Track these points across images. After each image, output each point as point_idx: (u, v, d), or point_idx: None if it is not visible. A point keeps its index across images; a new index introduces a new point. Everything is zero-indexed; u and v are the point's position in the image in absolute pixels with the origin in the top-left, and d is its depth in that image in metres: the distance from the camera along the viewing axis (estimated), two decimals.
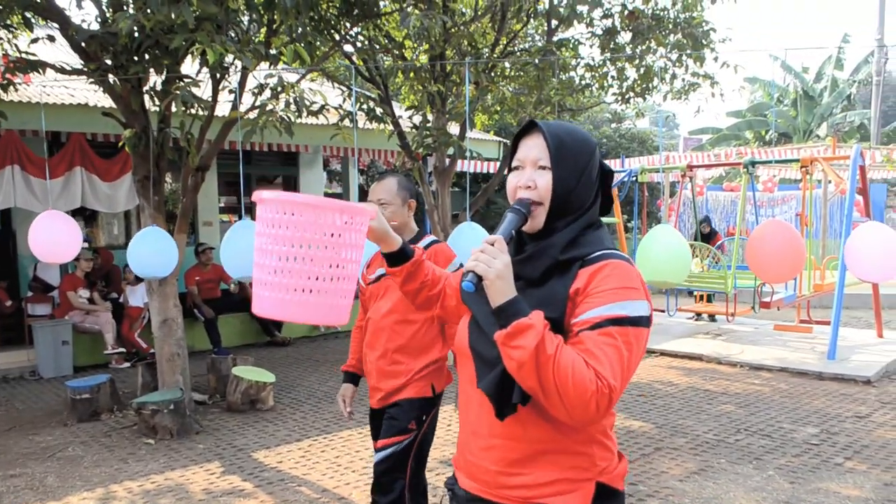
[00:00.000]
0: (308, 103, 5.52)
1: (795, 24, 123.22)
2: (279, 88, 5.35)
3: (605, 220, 12.38)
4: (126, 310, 8.89)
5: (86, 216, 11.51)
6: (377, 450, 3.13)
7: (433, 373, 3.13)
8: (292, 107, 5.64)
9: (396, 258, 1.92)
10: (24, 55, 5.68)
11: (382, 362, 3.13)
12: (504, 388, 1.59)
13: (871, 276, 5.52)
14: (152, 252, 5.41)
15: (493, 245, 1.56)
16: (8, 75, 5.63)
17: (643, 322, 1.57)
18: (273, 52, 5.74)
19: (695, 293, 10.84)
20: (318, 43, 5.58)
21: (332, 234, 1.61)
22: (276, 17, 5.12)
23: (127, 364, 8.57)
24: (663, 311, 10.46)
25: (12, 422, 6.43)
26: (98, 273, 9.34)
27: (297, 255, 1.60)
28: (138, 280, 8.73)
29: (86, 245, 11.44)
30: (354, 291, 1.71)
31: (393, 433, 3.08)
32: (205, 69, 5.67)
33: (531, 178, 1.67)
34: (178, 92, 4.86)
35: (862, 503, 4.34)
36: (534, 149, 1.68)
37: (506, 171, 1.78)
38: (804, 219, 9.65)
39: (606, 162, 1.80)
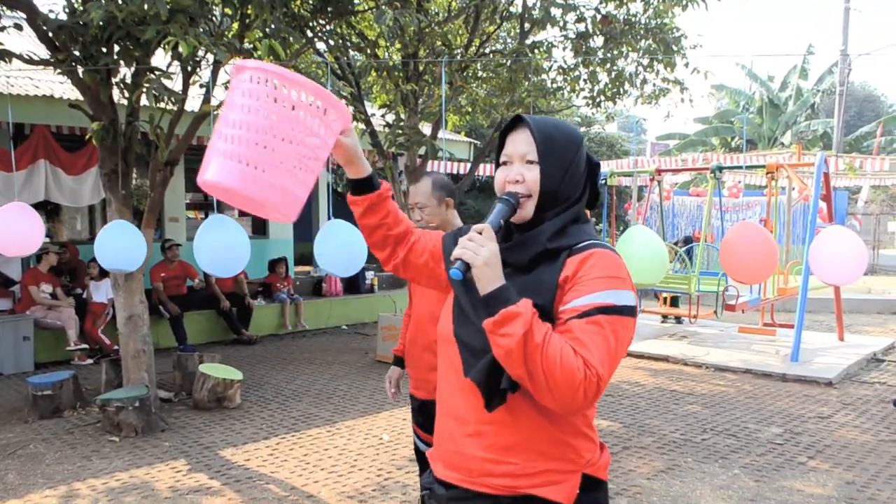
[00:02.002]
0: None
1: (762, 34, 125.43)
2: None
3: None
4: (89, 305, 8.73)
5: (48, 210, 11.31)
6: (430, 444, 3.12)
7: None
8: None
9: (362, 186, 1.84)
10: None
11: (427, 355, 3.12)
12: (493, 378, 1.59)
13: (835, 279, 5.63)
14: (120, 245, 5.31)
15: (481, 234, 1.57)
16: None
17: (629, 311, 1.58)
18: (247, 46, 5.69)
19: (658, 295, 10.96)
20: (292, 39, 5.53)
21: (301, 114, 1.53)
22: (249, 11, 5.07)
23: (90, 361, 8.42)
24: None
25: None
26: (63, 268, 9.17)
27: (259, 126, 1.49)
28: (102, 275, 8.59)
29: (47, 239, 11.24)
30: (310, 188, 1.60)
31: None
32: (175, 62, 5.60)
33: (519, 172, 1.69)
34: (148, 85, 4.78)
35: (825, 500, 4.42)
36: (521, 144, 1.70)
37: (488, 167, 1.81)
38: (768, 224, 9.81)
39: None
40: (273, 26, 5.31)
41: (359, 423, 6.09)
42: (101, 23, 4.59)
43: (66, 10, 5.52)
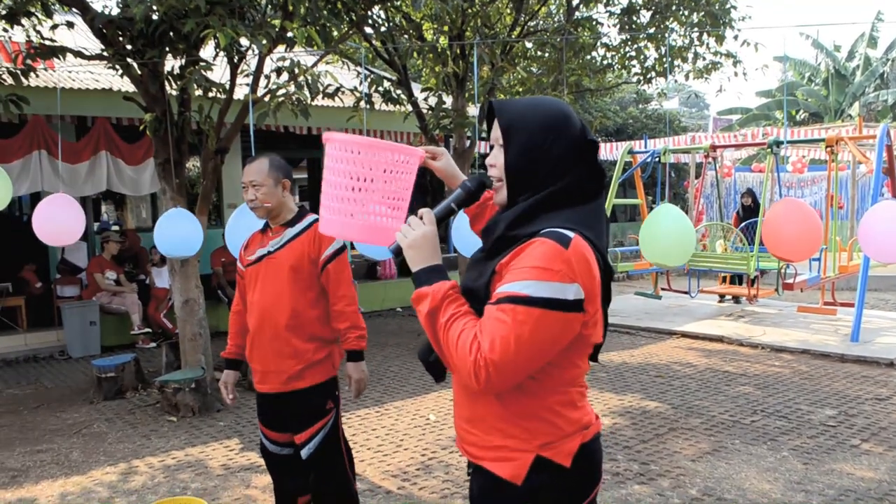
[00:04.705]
0: (322, 86, 5.54)
1: (828, 2, 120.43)
2: (294, 71, 5.39)
3: (629, 201, 12.26)
4: (152, 291, 9.06)
5: (116, 199, 11.73)
6: (302, 443, 3.07)
7: (332, 352, 3.12)
8: (305, 90, 5.68)
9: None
10: (45, 41, 5.78)
11: (277, 343, 3.05)
12: (431, 351, 1.72)
13: (881, 256, 5.45)
14: (178, 232, 5.49)
15: (421, 218, 1.69)
16: (29, 61, 5.73)
17: (549, 304, 1.52)
18: (290, 34, 5.79)
19: (718, 275, 10.75)
20: (334, 25, 5.60)
21: (385, 170, 1.80)
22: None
23: (153, 344, 8.75)
24: (686, 293, 10.40)
25: (41, 399, 6.62)
26: (125, 255, 9.52)
27: (356, 185, 1.81)
28: (164, 261, 8.88)
29: (116, 228, 11.67)
30: (402, 219, 1.84)
31: (314, 420, 3.06)
32: (222, 53, 5.73)
33: (495, 156, 1.73)
34: (189, 76, 4.92)
35: (875, 484, 4.32)
36: (496, 129, 1.73)
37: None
38: (831, 200, 9.49)
39: (630, 142, 1.80)
40: (315, 14, 5.39)
41: (407, 404, 6.19)
42: (146, 17, 4.73)
43: (119, 5, 5.72)
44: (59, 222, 5.70)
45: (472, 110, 8.74)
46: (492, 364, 1.51)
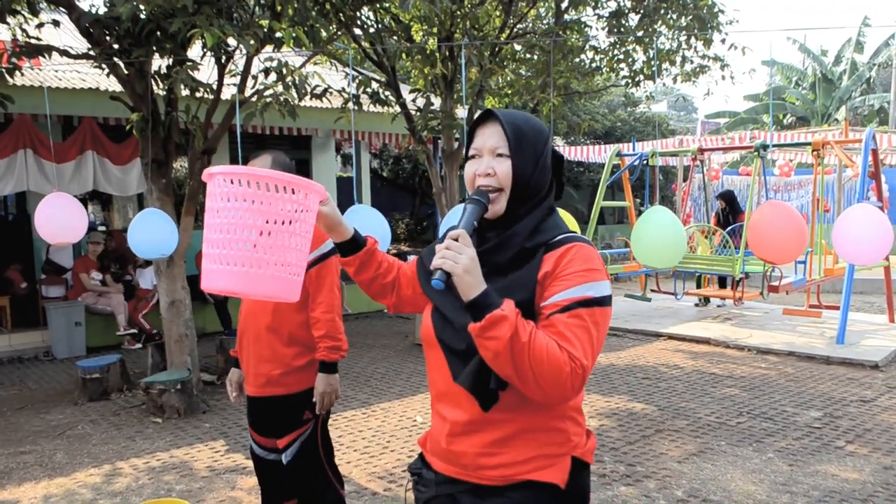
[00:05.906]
0: (310, 87, 5.53)
1: (815, 6, 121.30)
2: (282, 71, 5.38)
3: (617, 203, 12.26)
4: (137, 291, 9.01)
5: (102, 200, 11.64)
6: (281, 449, 3.05)
7: (314, 361, 3.03)
8: (292, 90, 5.67)
9: (349, 248, 1.87)
10: (31, 40, 5.74)
11: (258, 345, 3.03)
12: (481, 380, 1.62)
13: (854, 258, 5.48)
14: (152, 233, 5.45)
15: (456, 240, 1.56)
16: (14, 60, 5.69)
17: (607, 301, 1.63)
18: (278, 35, 5.78)
19: (702, 277, 10.76)
20: (323, 26, 5.59)
21: (282, 209, 1.57)
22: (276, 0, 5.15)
23: (139, 345, 8.70)
24: (672, 294, 10.44)
25: (25, 401, 6.56)
26: (112, 255, 9.47)
27: (239, 226, 1.55)
28: (148, 262, 8.83)
29: (103, 228, 11.60)
30: (304, 266, 1.67)
31: (291, 428, 3.03)
32: (210, 53, 5.70)
33: (490, 165, 1.69)
34: (175, 76, 4.90)
35: (860, 486, 4.34)
36: (491, 137, 1.70)
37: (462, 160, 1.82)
38: (817, 202, 9.55)
39: (618, 145, 1.82)
40: (303, 15, 5.37)
41: (394, 406, 6.18)
42: (133, 16, 4.71)
43: (106, 4, 5.68)
44: (61, 221, 5.68)
45: (461, 112, 8.74)
46: (586, 369, 1.53)
